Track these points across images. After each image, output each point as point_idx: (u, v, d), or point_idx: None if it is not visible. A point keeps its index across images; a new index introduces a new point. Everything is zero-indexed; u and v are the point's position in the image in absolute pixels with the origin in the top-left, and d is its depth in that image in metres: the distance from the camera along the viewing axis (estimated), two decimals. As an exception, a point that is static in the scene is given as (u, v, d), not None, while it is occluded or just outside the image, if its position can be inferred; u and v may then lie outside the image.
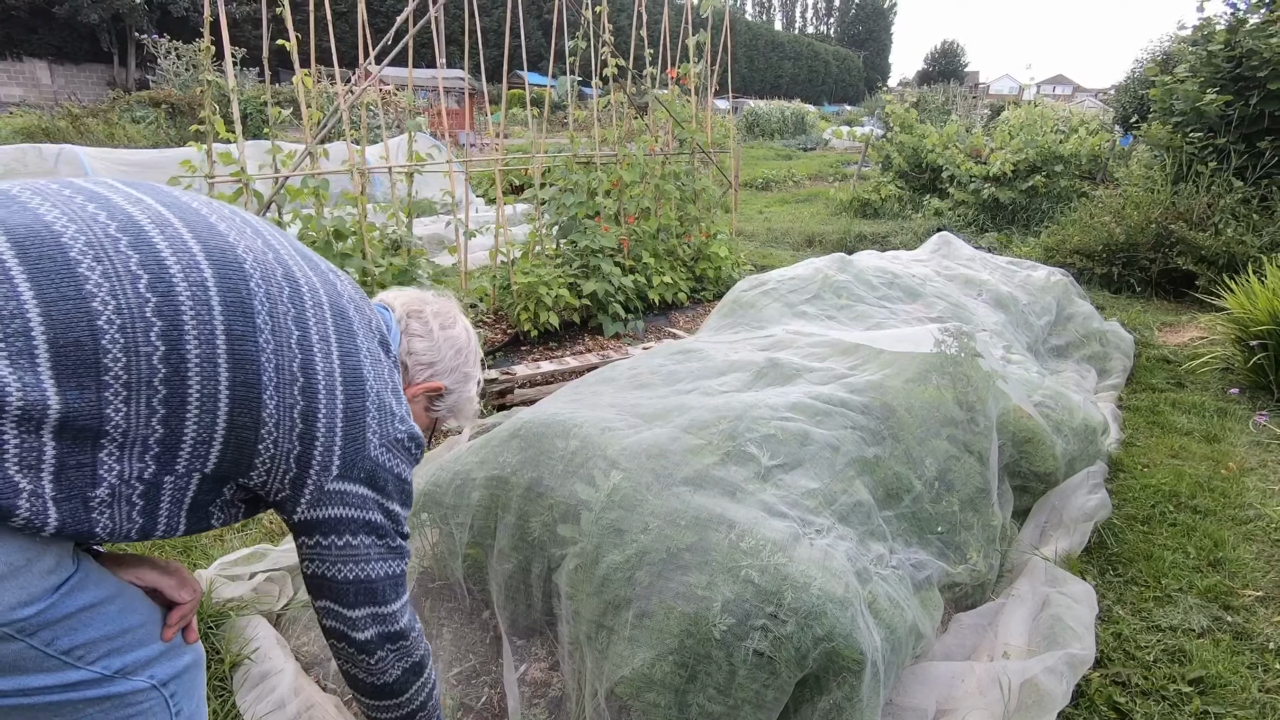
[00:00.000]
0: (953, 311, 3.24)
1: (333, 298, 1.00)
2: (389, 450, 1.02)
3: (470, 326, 1.31)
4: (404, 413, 1.06)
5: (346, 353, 0.98)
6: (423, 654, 1.15)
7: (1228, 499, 2.63)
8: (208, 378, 0.85)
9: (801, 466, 1.76)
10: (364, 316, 1.05)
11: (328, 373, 0.95)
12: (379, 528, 1.02)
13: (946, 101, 18.16)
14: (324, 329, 0.96)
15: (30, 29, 25.94)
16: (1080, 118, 11.63)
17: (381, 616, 1.06)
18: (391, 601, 1.07)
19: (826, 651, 1.31)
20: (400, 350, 1.19)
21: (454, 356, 1.25)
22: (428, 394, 1.24)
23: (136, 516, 0.88)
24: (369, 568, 1.03)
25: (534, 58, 11.30)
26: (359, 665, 1.08)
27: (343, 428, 0.96)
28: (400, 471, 1.04)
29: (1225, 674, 1.79)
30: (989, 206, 8.61)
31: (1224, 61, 5.93)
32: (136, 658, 0.94)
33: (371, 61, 3.61)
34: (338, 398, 0.96)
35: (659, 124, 5.61)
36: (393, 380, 1.07)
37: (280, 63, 3.39)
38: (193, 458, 0.88)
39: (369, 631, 1.05)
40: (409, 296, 1.27)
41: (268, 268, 0.93)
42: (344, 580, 1.02)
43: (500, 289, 4.54)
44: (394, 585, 1.07)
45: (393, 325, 1.19)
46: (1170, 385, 3.85)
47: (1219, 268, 5.18)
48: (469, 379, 1.29)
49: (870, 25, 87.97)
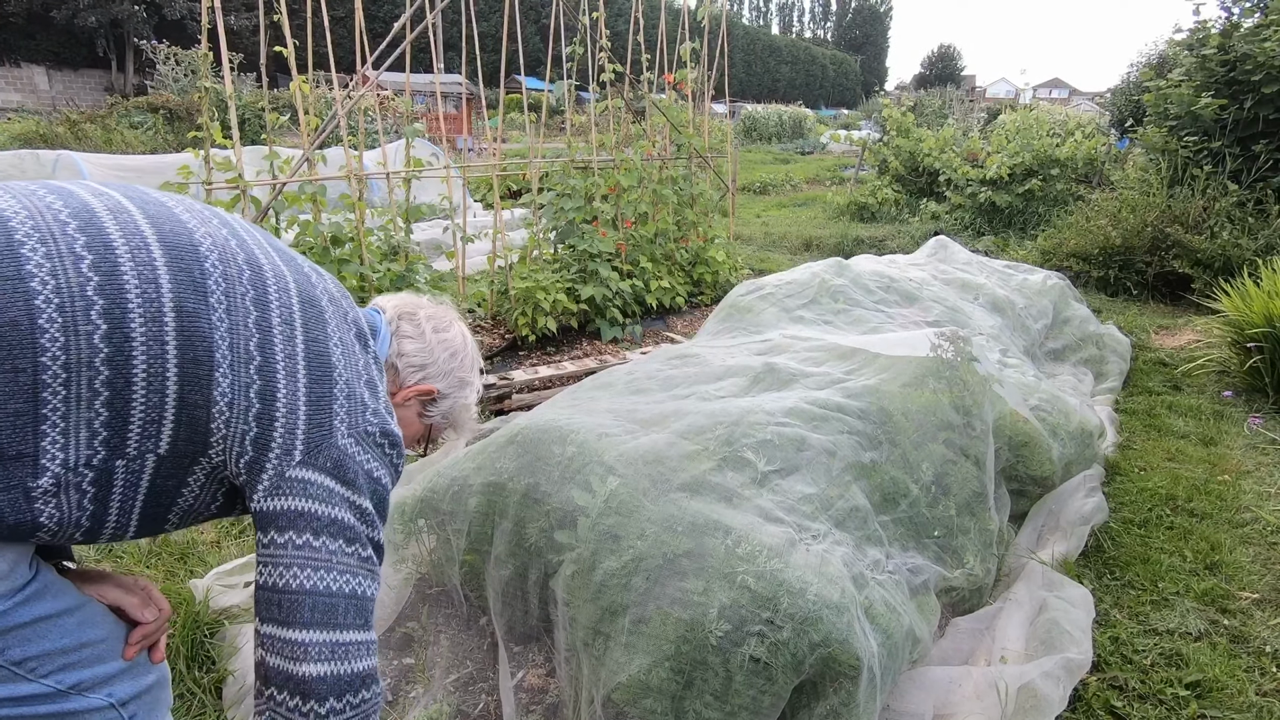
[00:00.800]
0: (949, 315, 3.25)
1: (303, 286, 0.97)
2: (359, 442, 0.95)
3: (468, 332, 1.27)
4: (380, 408, 1.00)
5: (313, 338, 0.95)
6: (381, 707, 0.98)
7: (1224, 502, 2.63)
8: (154, 356, 0.83)
9: (798, 472, 1.76)
10: (340, 309, 1.02)
11: (288, 355, 0.92)
12: (347, 529, 0.92)
13: (943, 105, 18.22)
14: (288, 313, 0.93)
15: (28, 35, 25.97)
16: (1076, 121, 11.67)
17: (340, 648, 0.89)
18: (354, 629, 0.91)
19: (823, 657, 1.31)
20: (390, 352, 1.15)
21: (448, 360, 1.20)
22: (420, 398, 1.19)
23: (87, 505, 0.85)
24: (330, 578, 0.89)
25: (532, 62, 11.33)
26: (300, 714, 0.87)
27: (306, 411, 0.92)
28: (372, 468, 0.96)
29: (1222, 677, 1.80)
30: (986, 210, 8.63)
31: (1218, 65, 5.96)
32: (94, 674, 0.91)
33: (369, 67, 3.62)
34: (299, 380, 0.92)
35: (656, 129, 5.63)
36: (369, 374, 1.02)
37: (278, 68, 3.40)
38: (143, 438, 0.85)
39: (321, 666, 0.87)
40: (402, 299, 1.24)
41: (228, 251, 0.92)
42: (297, 589, 0.87)
43: (498, 294, 4.55)
44: (359, 610, 0.92)
45: (381, 326, 1.15)
46: (1167, 388, 3.86)
47: (1215, 271, 5.20)
48: (465, 385, 1.24)
49: (867, 29, 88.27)
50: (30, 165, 6.33)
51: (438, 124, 4.77)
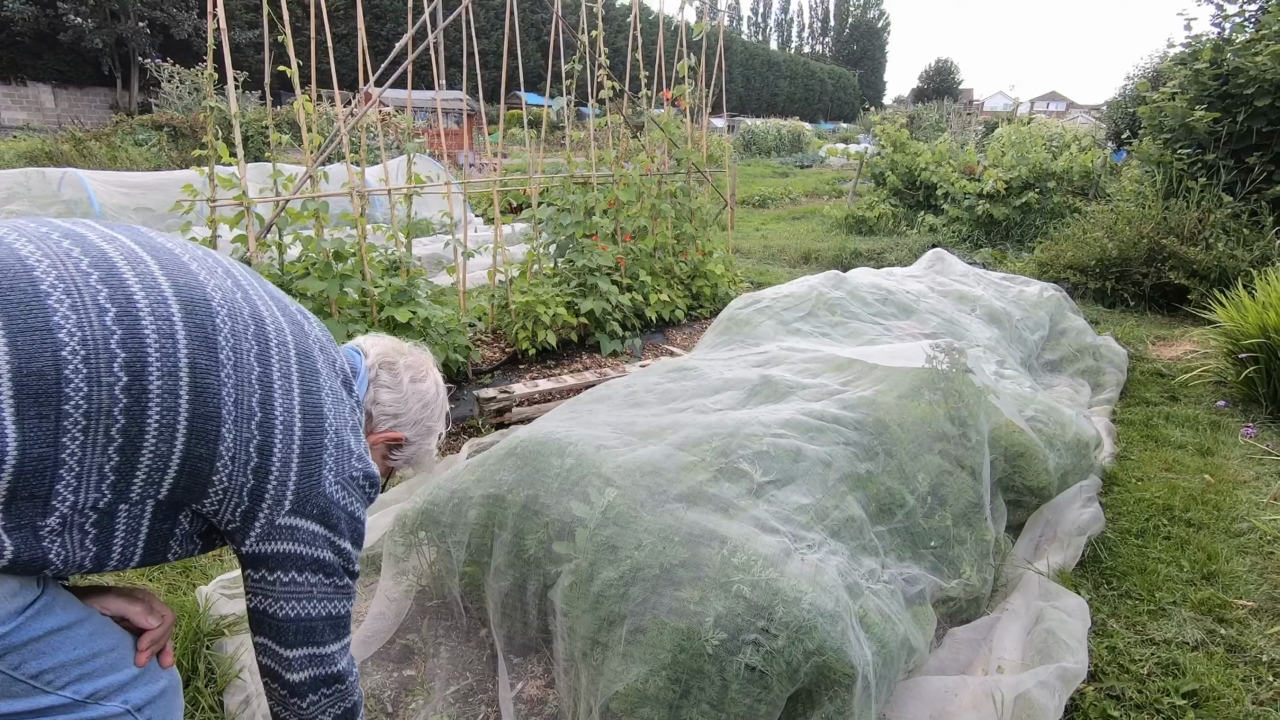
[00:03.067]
0: (946, 327, 3.28)
1: (298, 338, 1.02)
2: (344, 488, 1.03)
3: (441, 382, 1.34)
4: (362, 451, 1.08)
5: (307, 390, 1.00)
6: (357, 699, 1.14)
7: (1221, 512, 2.64)
8: (168, 409, 0.86)
9: (794, 482, 1.78)
10: (329, 357, 1.08)
11: (286, 409, 0.97)
12: (327, 565, 1.02)
13: (941, 119, 18.36)
14: (286, 366, 0.98)
15: (34, 54, 26.26)
16: (1073, 134, 11.76)
17: (319, 658, 1.05)
18: (330, 643, 1.06)
19: (817, 665, 1.32)
20: (366, 398, 1.21)
21: (420, 410, 1.27)
22: (387, 443, 1.26)
23: (90, 544, 0.88)
24: (311, 606, 1.02)
25: (532, 78, 11.46)
26: (290, 708, 1.06)
27: (298, 464, 0.98)
28: (354, 510, 1.05)
29: (1219, 687, 1.80)
30: (983, 223, 8.69)
31: (1211, 79, 6.03)
32: (109, 682, 0.94)
33: (372, 84, 3.67)
34: (295, 434, 0.97)
35: (655, 144, 5.69)
36: (353, 419, 1.08)
37: (281, 85, 3.45)
38: (147, 484, 0.89)
39: (304, 673, 1.04)
40: (385, 346, 1.29)
41: (235, 306, 0.95)
42: (285, 618, 1.02)
43: (498, 308, 4.58)
44: (335, 626, 1.06)
45: (361, 369, 1.21)
46: (1164, 399, 3.87)
47: (1210, 282, 5.23)
48: (431, 433, 1.31)
49: (865, 44, 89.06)
50: (36, 184, 6.38)
51: (439, 140, 4.83)
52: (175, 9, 27.75)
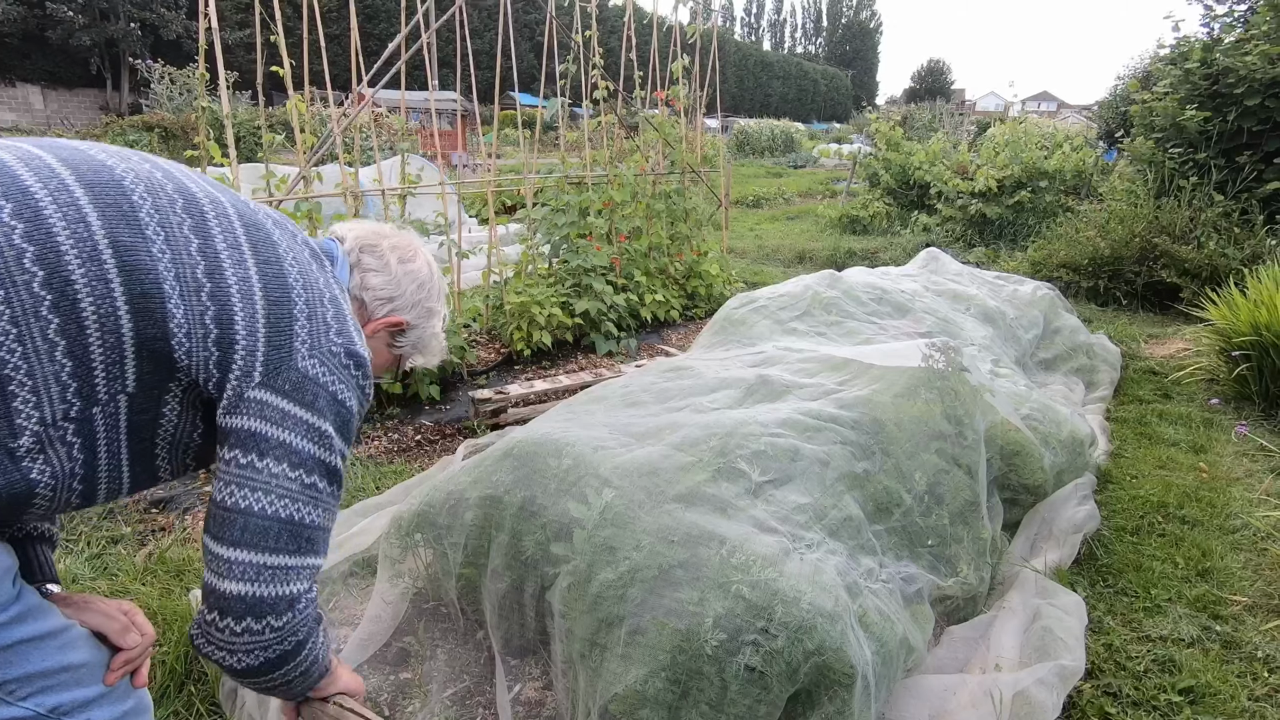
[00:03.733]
0: (941, 326, 3.28)
1: (244, 212, 0.96)
2: (322, 363, 0.94)
3: (433, 260, 1.27)
4: (345, 328, 0.98)
5: (264, 260, 0.93)
6: (306, 633, 0.96)
7: (1215, 509, 2.66)
8: (101, 296, 0.81)
9: (792, 482, 1.78)
10: (287, 231, 1.01)
11: (241, 278, 0.90)
12: (296, 454, 0.91)
13: (934, 119, 18.43)
14: (233, 238, 0.92)
15: (23, 54, 26.07)
16: (1065, 134, 11.82)
17: (266, 570, 0.89)
18: (286, 553, 0.90)
19: (817, 665, 1.32)
20: (354, 285, 1.15)
21: (415, 291, 1.20)
22: (389, 330, 1.19)
23: (77, 455, 0.85)
24: (266, 500, 0.89)
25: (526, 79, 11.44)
26: (216, 630, 0.89)
27: (265, 333, 0.90)
28: (335, 389, 0.94)
29: (1215, 683, 1.81)
30: (976, 222, 8.72)
31: (1201, 79, 6.07)
32: (73, 698, 0.91)
33: (365, 85, 3.66)
34: (256, 302, 0.91)
35: (649, 144, 5.69)
36: (330, 292, 1.00)
37: (273, 85, 3.43)
38: (110, 380, 0.84)
39: (240, 585, 0.88)
40: (363, 229, 1.22)
41: (154, 184, 0.90)
42: (231, 507, 0.89)
43: (493, 308, 4.57)
44: (294, 534, 0.91)
45: (338, 254, 1.14)
46: (1157, 397, 3.89)
47: (1202, 280, 5.26)
48: (433, 314, 1.24)
49: (857, 45, 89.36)
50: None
51: (432, 140, 4.82)
52: (165, 9, 27.60)
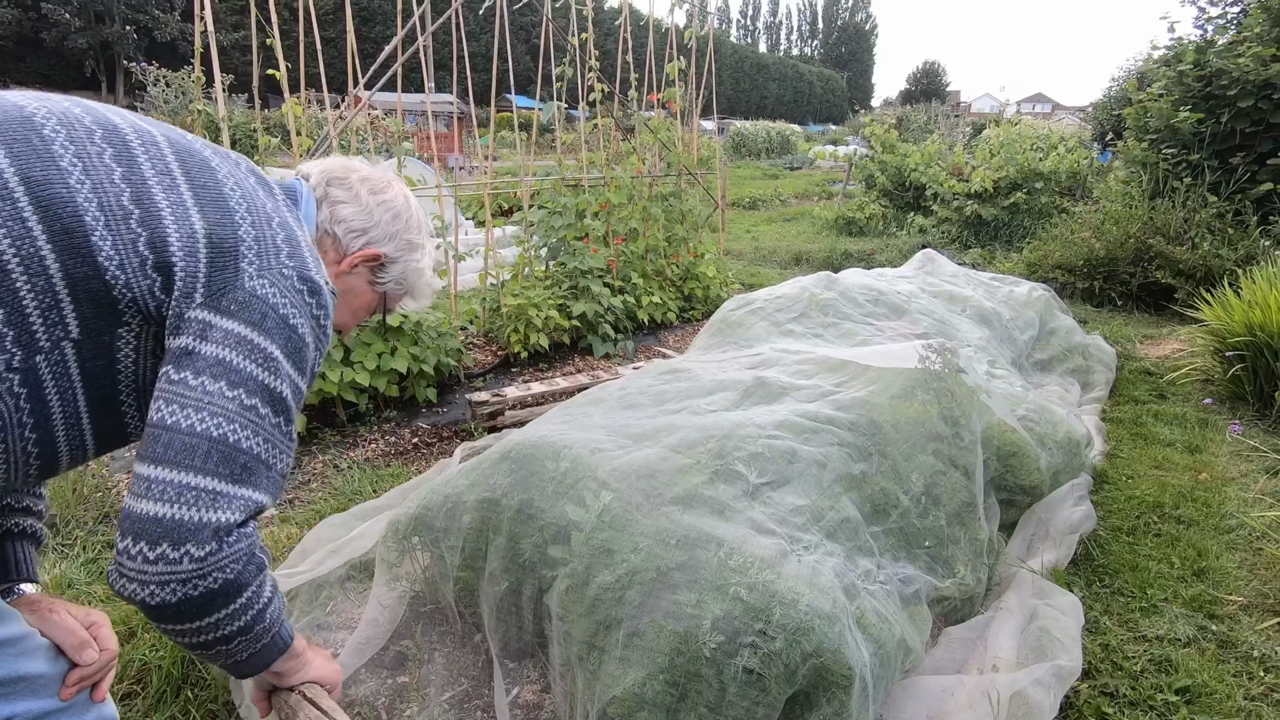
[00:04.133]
0: (937, 328, 3.29)
1: (178, 141, 0.92)
2: (273, 283, 0.88)
3: (409, 193, 1.21)
4: (298, 252, 0.92)
5: (200, 184, 0.89)
6: (236, 573, 0.84)
7: (1210, 509, 2.67)
8: (19, 236, 0.77)
9: (789, 484, 1.78)
10: (230, 161, 0.96)
11: (174, 201, 0.86)
12: (237, 373, 0.84)
13: (929, 121, 18.48)
14: (162, 164, 0.88)
15: (18, 57, 26.01)
16: (1060, 135, 11.87)
17: (189, 491, 0.80)
18: (214, 476, 0.82)
19: (815, 667, 1.32)
20: (323, 219, 1.10)
21: (391, 221, 1.14)
22: (368, 264, 1.14)
23: (24, 404, 0.80)
24: (197, 417, 0.82)
25: (522, 81, 11.45)
26: (129, 558, 0.79)
27: (207, 254, 0.85)
28: (288, 314, 0.89)
29: (1211, 682, 1.82)
30: (972, 223, 8.75)
31: (1195, 81, 6.10)
32: (27, 708, 0.88)
33: (361, 88, 3.66)
34: (193, 223, 0.86)
35: (646, 146, 5.69)
36: (280, 217, 0.94)
37: (269, 88, 3.43)
38: (49, 326, 0.79)
39: (158, 506, 0.79)
40: (330, 163, 1.16)
41: (67, 116, 0.85)
42: (158, 423, 0.82)
43: (490, 311, 4.56)
44: (226, 457, 0.83)
45: (301, 190, 1.08)
46: (1152, 397, 3.91)
47: (1197, 281, 5.29)
48: (414, 247, 1.18)
49: (853, 46, 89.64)
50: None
51: (429, 143, 4.82)
52: (160, 12, 27.57)
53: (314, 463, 3.11)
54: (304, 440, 3.29)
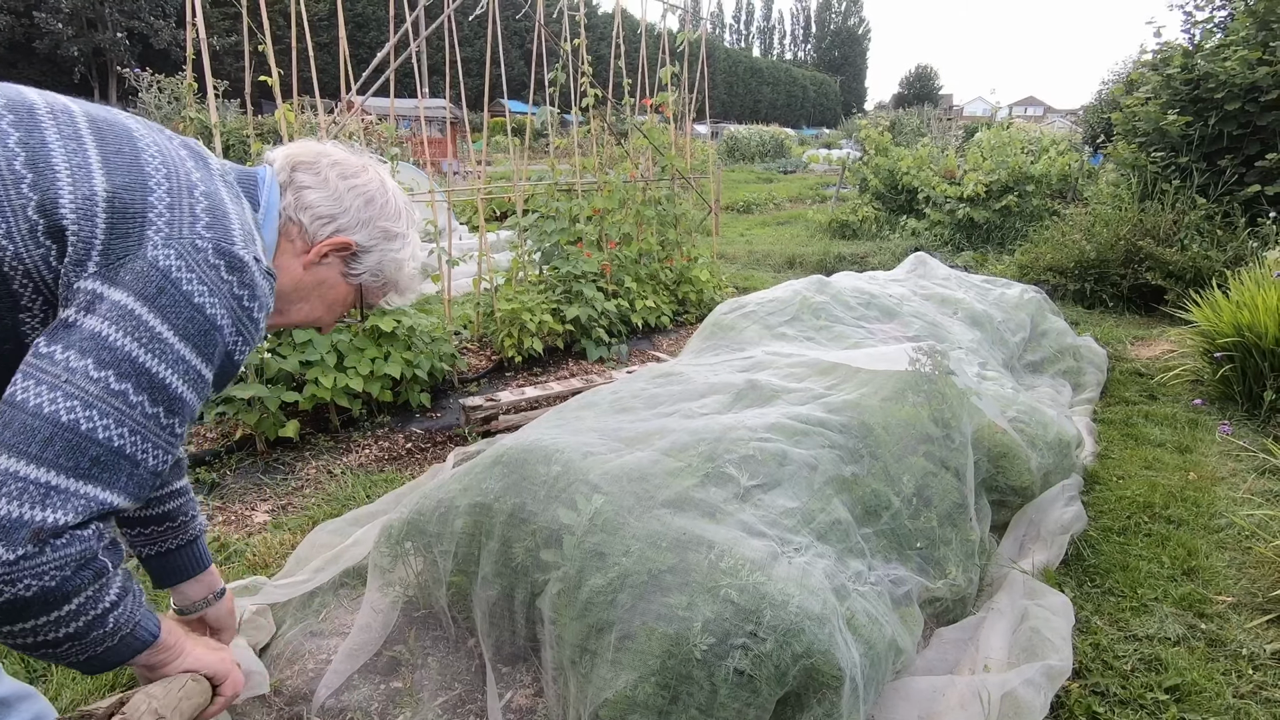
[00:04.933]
0: (929, 330, 3.31)
1: (97, 113, 0.86)
2: (180, 255, 0.79)
3: (389, 179, 1.12)
4: (220, 223, 0.84)
5: (114, 149, 0.82)
6: (58, 584, 0.71)
7: (1200, 509, 2.69)
8: None
9: (780, 486, 1.79)
10: (160, 133, 0.90)
11: (76, 164, 0.79)
12: (109, 350, 0.74)
13: (921, 124, 18.57)
14: (71, 129, 0.82)
15: (10, 63, 25.94)
16: (1051, 138, 11.95)
17: (12, 483, 0.69)
18: (51, 468, 0.70)
19: (806, 668, 1.33)
20: (286, 206, 1.02)
21: (363, 207, 1.05)
22: (339, 254, 1.06)
23: None
24: (49, 398, 0.71)
25: (516, 86, 11.48)
26: None
27: (106, 217, 0.78)
28: (192, 291, 0.79)
29: (1201, 681, 1.83)
30: (964, 226, 8.80)
31: (1182, 84, 6.16)
32: None
33: (354, 93, 3.66)
34: (95, 185, 0.78)
35: (639, 151, 5.71)
36: (207, 187, 0.87)
37: (262, 93, 3.43)
38: None
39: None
40: (298, 148, 1.07)
41: None
42: (6, 399, 0.73)
43: (484, 316, 4.57)
44: (75, 448, 0.71)
45: (263, 176, 1.02)
46: (1143, 398, 3.93)
47: (1186, 282, 5.33)
48: (392, 236, 1.09)
49: (846, 51, 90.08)
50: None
51: (422, 148, 4.82)
52: (154, 18, 27.55)
53: (307, 469, 3.11)
54: (297, 446, 3.29)
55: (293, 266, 1.04)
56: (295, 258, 1.04)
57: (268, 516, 2.71)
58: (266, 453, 3.19)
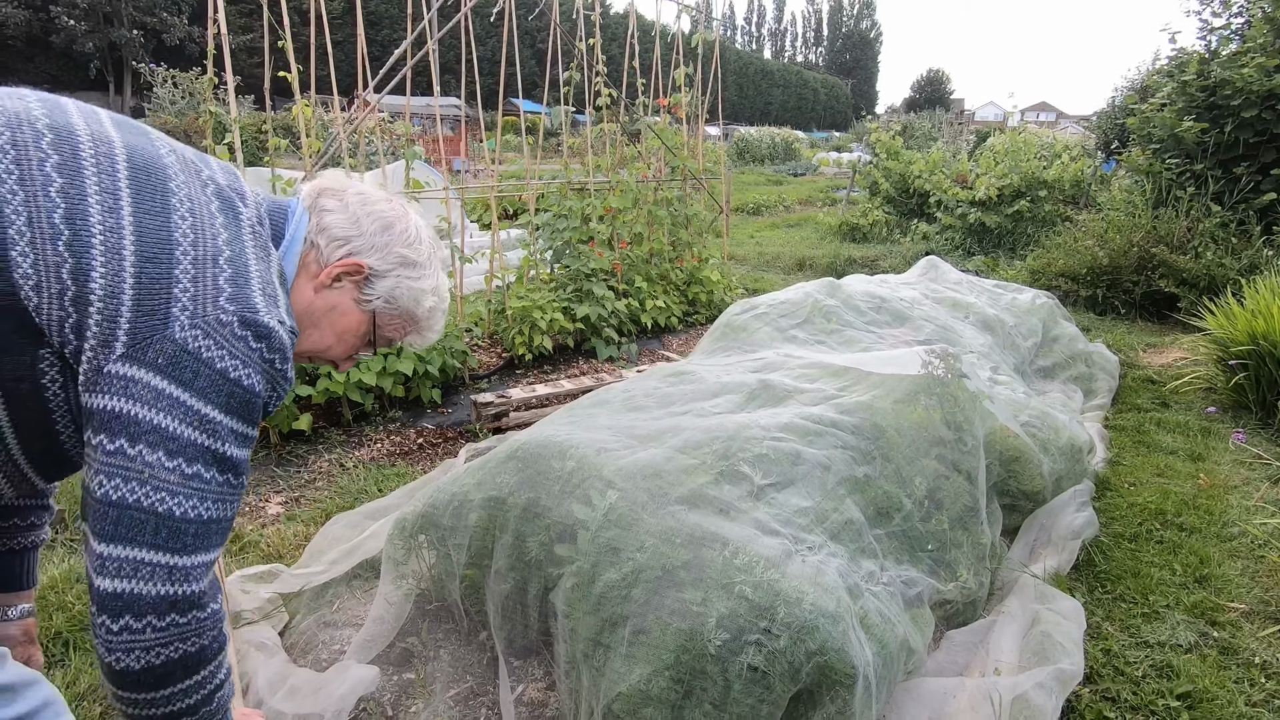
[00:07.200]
0: (940, 334, 3.31)
1: (138, 149, 0.85)
2: (207, 334, 0.80)
3: (414, 214, 1.10)
4: (243, 293, 0.84)
5: (146, 209, 0.81)
6: (203, 644, 0.85)
7: (1212, 516, 2.67)
8: None
9: (793, 485, 1.80)
10: (196, 176, 0.89)
11: (109, 228, 0.79)
12: (172, 439, 0.79)
13: (933, 128, 18.52)
14: (111, 181, 0.81)
15: (27, 58, 26.20)
16: (1063, 144, 11.90)
17: (143, 567, 0.79)
18: (165, 550, 0.80)
19: (819, 665, 1.33)
20: (310, 230, 1.01)
21: (379, 232, 1.04)
22: (351, 278, 1.04)
23: None
24: (141, 492, 0.79)
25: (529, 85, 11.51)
26: (98, 627, 0.80)
27: (132, 294, 0.78)
28: (225, 366, 0.81)
29: (1212, 688, 1.82)
30: (975, 231, 8.77)
31: (1198, 91, 6.13)
32: None
33: (370, 91, 3.69)
34: (125, 258, 0.78)
35: (651, 151, 5.72)
36: (234, 250, 0.86)
37: (277, 90, 3.46)
38: None
39: (115, 582, 0.79)
40: (330, 179, 1.07)
41: (19, 118, 0.80)
42: (102, 498, 0.78)
43: (495, 313, 4.59)
44: (175, 531, 0.80)
45: (291, 206, 1.02)
46: (1155, 405, 3.91)
47: (1200, 290, 5.30)
48: (411, 264, 1.06)
49: (857, 54, 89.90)
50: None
51: (436, 146, 4.85)
52: (168, 14, 27.76)
53: (320, 461, 3.13)
54: (309, 439, 3.32)
55: (305, 290, 1.03)
56: (308, 281, 1.03)
57: (281, 508, 2.73)
58: (280, 445, 3.22)
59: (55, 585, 2.11)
